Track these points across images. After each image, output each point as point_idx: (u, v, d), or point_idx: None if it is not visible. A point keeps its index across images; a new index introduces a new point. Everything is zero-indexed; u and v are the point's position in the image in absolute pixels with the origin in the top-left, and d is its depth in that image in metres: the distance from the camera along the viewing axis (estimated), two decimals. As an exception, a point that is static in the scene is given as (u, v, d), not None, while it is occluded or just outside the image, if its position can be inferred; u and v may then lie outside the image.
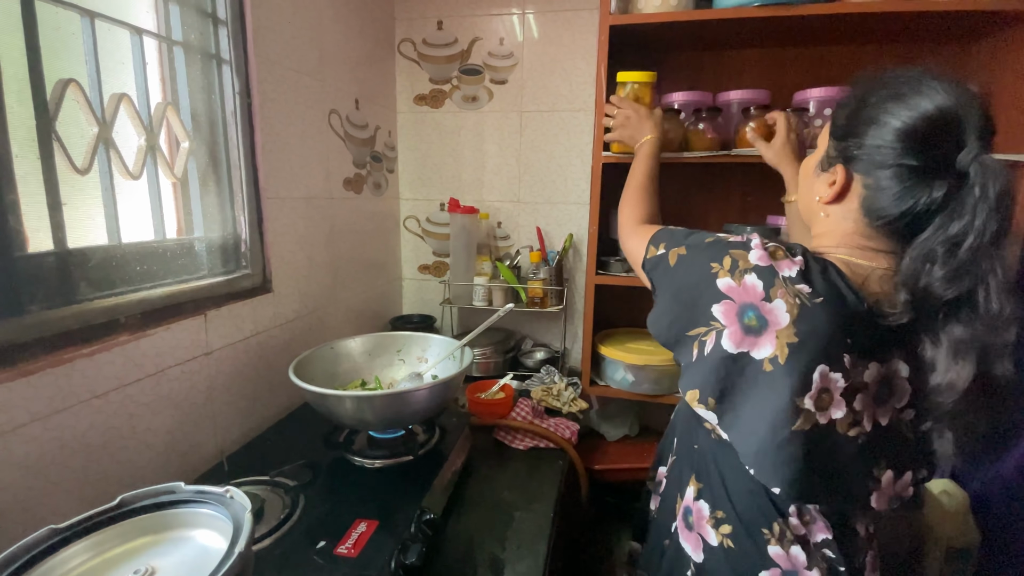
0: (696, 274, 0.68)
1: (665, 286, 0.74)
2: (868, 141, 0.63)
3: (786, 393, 0.59)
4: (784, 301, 0.60)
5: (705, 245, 0.70)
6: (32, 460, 0.69)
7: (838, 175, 0.67)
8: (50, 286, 0.73)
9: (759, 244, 0.65)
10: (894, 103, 0.61)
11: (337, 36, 1.36)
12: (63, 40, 0.78)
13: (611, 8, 1.29)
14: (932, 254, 0.57)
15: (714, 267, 0.66)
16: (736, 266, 0.64)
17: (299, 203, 1.23)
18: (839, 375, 0.58)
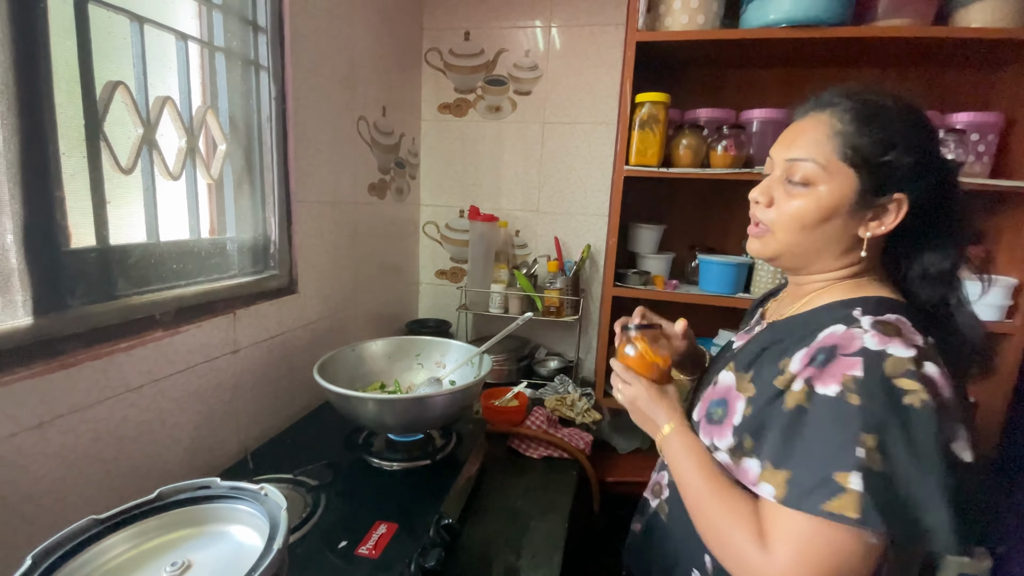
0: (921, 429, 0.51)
1: (915, 496, 0.50)
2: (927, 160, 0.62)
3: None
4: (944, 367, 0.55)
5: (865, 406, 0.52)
6: (67, 451, 0.71)
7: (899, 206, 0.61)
8: (92, 281, 0.76)
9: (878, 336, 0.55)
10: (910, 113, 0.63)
11: (368, 45, 1.39)
12: (114, 43, 0.80)
13: (639, 25, 1.31)
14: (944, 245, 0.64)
15: (911, 400, 0.51)
16: (914, 373, 0.52)
17: (326, 207, 1.25)
18: None
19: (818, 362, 0.57)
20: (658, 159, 1.36)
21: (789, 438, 0.56)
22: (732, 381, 0.69)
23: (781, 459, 0.56)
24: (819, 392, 0.55)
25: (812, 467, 0.53)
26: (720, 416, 0.68)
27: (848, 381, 0.54)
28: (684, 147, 1.39)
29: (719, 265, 1.43)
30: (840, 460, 0.51)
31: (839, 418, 0.53)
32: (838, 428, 0.53)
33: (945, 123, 1.31)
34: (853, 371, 0.54)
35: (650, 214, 1.66)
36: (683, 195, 1.66)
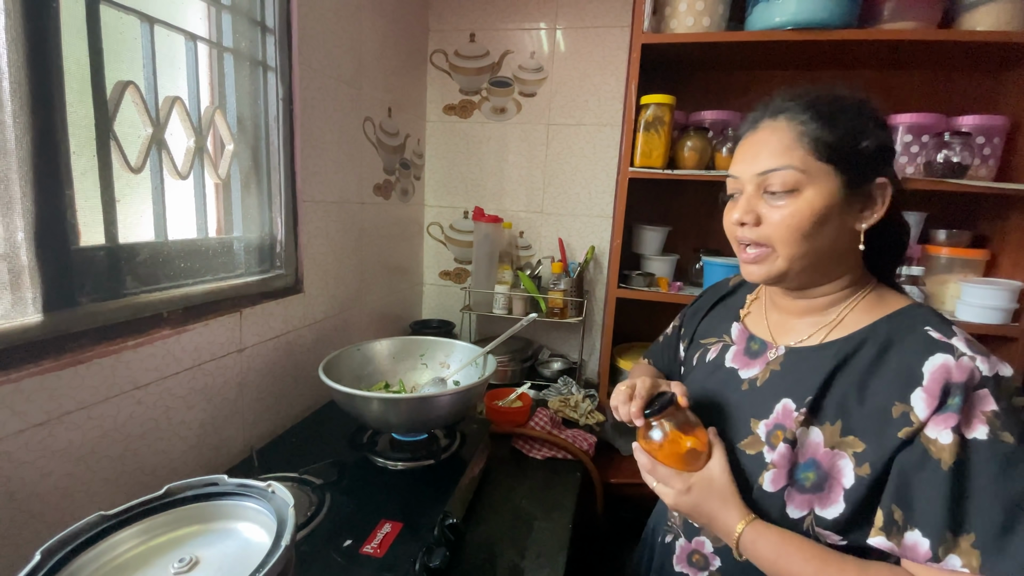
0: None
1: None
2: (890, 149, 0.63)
3: None
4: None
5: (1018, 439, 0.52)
6: (75, 448, 0.71)
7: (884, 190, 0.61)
8: (100, 279, 0.76)
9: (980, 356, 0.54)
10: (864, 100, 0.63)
11: (374, 46, 1.39)
12: (124, 44, 0.81)
13: (644, 27, 1.31)
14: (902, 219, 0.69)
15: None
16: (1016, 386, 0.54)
17: (332, 207, 1.25)
18: None
19: (954, 407, 0.52)
20: (663, 161, 1.37)
21: (958, 498, 0.52)
22: (818, 436, 0.60)
23: (958, 524, 0.51)
24: (971, 438, 0.52)
25: (1001, 525, 0.50)
26: (816, 481, 0.59)
27: (991, 419, 0.52)
28: (689, 149, 1.39)
29: (723, 267, 1.43)
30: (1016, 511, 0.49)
31: (1007, 464, 0.51)
32: (1010, 474, 0.50)
33: (951, 126, 1.31)
34: (988, 407, 0.52)
35: (654, 216, 1.66)
36: (688, 197, 1.66)
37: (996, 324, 1.26)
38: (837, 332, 0.65)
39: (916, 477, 0.53)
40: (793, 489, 0.60)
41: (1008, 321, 1.26)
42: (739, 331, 0.77)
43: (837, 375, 0.61)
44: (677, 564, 0.75)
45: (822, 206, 0.60)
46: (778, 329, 0.72)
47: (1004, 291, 1.25)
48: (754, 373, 0.70)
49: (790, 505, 0.60)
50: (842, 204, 0.61)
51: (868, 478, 0.56)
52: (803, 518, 0.60)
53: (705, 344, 0.81)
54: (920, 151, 1.31)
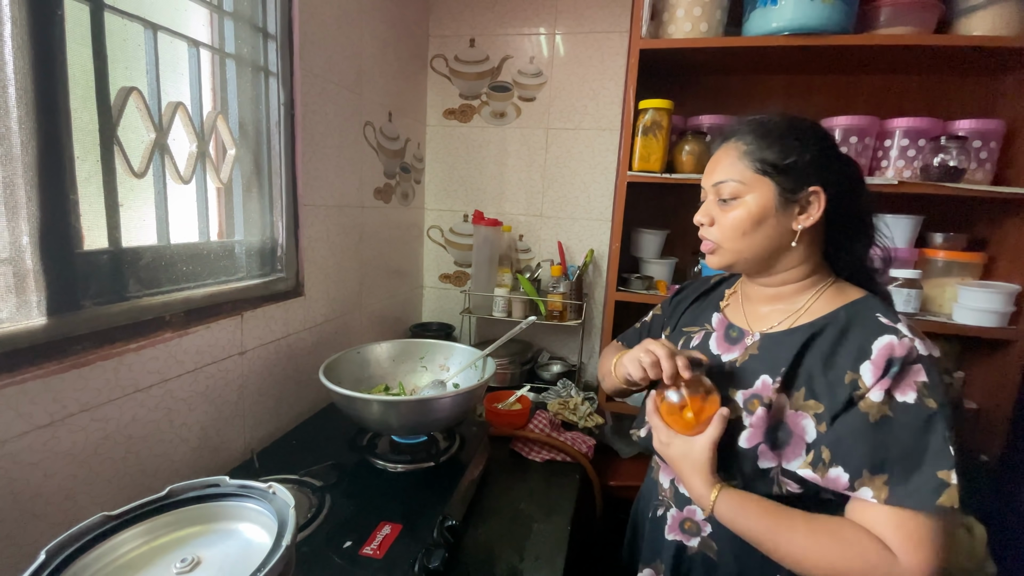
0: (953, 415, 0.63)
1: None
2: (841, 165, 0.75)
3: None
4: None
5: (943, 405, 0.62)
6: (78, 449, 0.72)
7: (819, 195, 0.72)
8: (104, 283, 0.77)
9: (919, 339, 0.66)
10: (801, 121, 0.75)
11: (375, 51, 1.41)
12: (128, 50, 0.82)
13: (642, 32, 1.32)
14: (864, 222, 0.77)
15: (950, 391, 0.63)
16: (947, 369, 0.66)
17: (332, 211, 1.26)
18: None
19: (892, 374, 0.64)
20: (661, 165, 1.38)
21: (880, 445, 0.63)
22: (784, 401, 0.71)
23: (877, 466, 0.62)
24: (900, 400, 0.63)
25: (913, 468, 0.61)
26: (785, 439, 0.70)
27: (921, 387, 0.63)
28: (687, 153, 1.40)
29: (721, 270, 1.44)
30: (939, 460, 0.60)
31: (926, 422, 0.61)
32: (928, 432, 0.61)
33: (947, 130, 1.32)
34: (920, 378, 0.63)
35: (653, 219, 1.67)
36: (686, 200, 1.66)
37: (993, 327, 1.26)
38: (804, 319, 0.75)
39: (848, 426, 0.65)
40: (766, 445, 0.70)
41: (1005, 324, 1.27)
42: (719, 320, 0.86)
43: (805, 352, 0.72)
44: (669, 533, 0.83)
45: (758, 210, 0.73)
46: (753, 318, 0.81)
47: (1001, 294, 1.26)
48: (734, 356, 0.80)
49: (762, 459, 0.71)
50: (778, 208, 0.73)
51: (823, 433, 0.67)
52: (771, 469, 0.70)
53: (688, 332, 0.90)
54: (917, 155, 1.32)
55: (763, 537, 0.68)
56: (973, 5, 1.23)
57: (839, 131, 1.33)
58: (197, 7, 0.93)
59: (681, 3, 1.31)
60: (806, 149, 0.72)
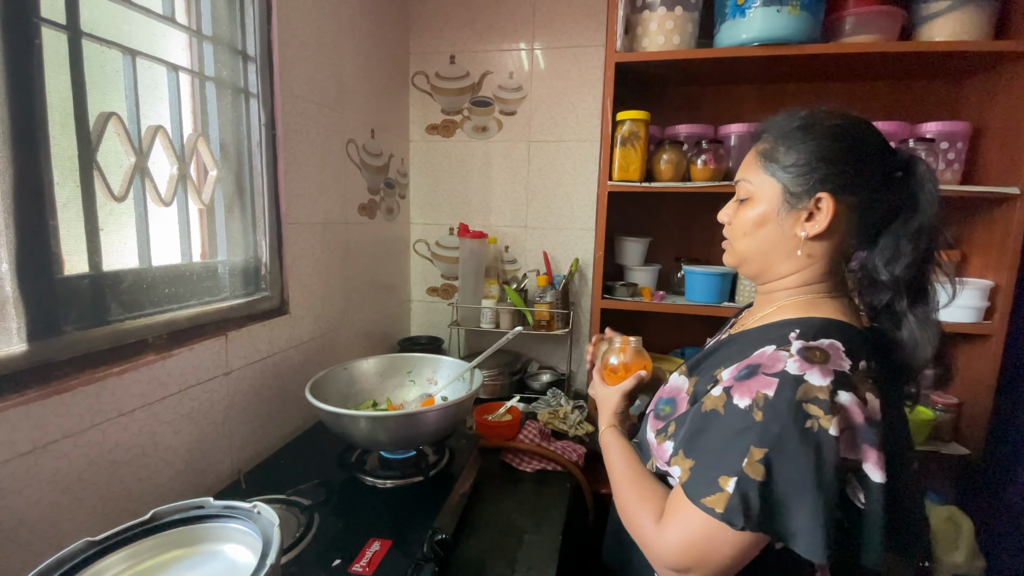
0: (810, 453, 0.55)
1: (794, 506, 0.55)
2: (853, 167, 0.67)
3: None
4: (870, 391, 0.58)
5: (768, 421, 0.57)
6: (61, 476, 0.71)
7: (824, 203, 0.66)
8: (85, 307, 0.77)
9: (801, 362, 0.58)
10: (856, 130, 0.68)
11: (356, 70, 1.42)
12: (106, 76, 0.83)
13: (617, 46, 1.35)
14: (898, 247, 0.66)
15: (811, 425, 0.55)
16: (823, 402, 0.55)
17: (316, 228, 1.27)
18: None
19: (740, 376, 0.62)
20: (640, 174, 1.40)
21: (699, 433, 0.63)
22: (683, 384, 0.76)
23: (689, 449, 0.64)
24: (734, 402, 0.61)
25: (708, 464, 0.60)
26: (667, 413, 0.75)
27: (759, 398, 0.58)
28: (665, 162, 1.43)
29: (704, 275, 1.46)
30: (727, 465, 0.58)
31: (740, 429, 0.59)
32: (737, 437, 0.58)
33: (915, 133, 1.36)
34: (766, 390, 0.58)
35: (636, 227, 1.70)
36: (666, 208, 1.70)
37: (970, 323, 1.29)
38: (760, 323, 0.74)
39: (692, 411, 0.67)
40: (652, 415, 0.77)
41: (981, 319, 1.30)
42: (731, 323, 0.89)
43: (721, 347, 0.75)
44: None
45: (762, 211, 0.72)
46: (745, 320, 0.82)
47: (975, 290, 1.29)
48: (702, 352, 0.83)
49: (648, 426, 0.77)
50: (782, 211, 0.70)
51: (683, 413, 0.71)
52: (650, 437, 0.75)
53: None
54: (887, 158, 1.36)
55: (611, 473, 0.78)
56: (934, 12, 1.27)
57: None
58: (176, 32, 0.94)
59: (654, 17, 1.35)
60: (818, 149, 0.67)
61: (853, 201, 0.67)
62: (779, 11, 1.21)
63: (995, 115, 1.33)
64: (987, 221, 1.35)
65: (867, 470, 0.57)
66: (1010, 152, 1.27)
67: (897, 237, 0.66)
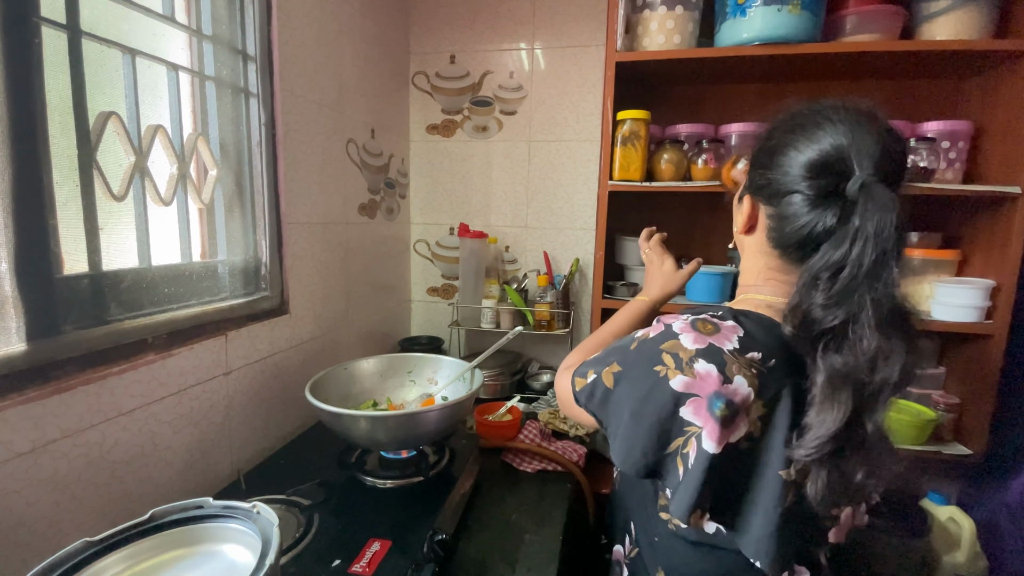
0: (645, 385, 0.62)
1: (616, 413, 0.65)
2: (768, 172, 0.65)
3: (771, 471, 0.58)
4: (743, 376, 0.58)
5: (634, 352, 0.66)
6: (60, 476, 0.71)
7: (746, 205, 0.70)
8: (84, 307, 0.77)
9: (686, 326, 0.64)
10: (792, 134, 0.63)
11: (356, 70, 1.42)
12: (106, 75, 0.83)
13: (617, 46, 1.35)
14: (816, 280, 0.58)
15: (659, 370, 0.61)
16: (680, 359, 0.60)
17: (317, 228, 1.27)
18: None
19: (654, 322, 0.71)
20: (641, 174, 1.40)
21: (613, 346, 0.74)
22: None
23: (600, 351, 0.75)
24: (635, 335, 0.70)
25: (595, 359, 0.72)
26: None
27: (643, 335, 0.68)
28: (665, 162, 1.42)
29: (705, 275, 1.46)
30: (598, 366, 0.70)
31: (621, 349, 0.69)
32: (615, 353, 0.69)
33: (916, 132, 1.36)
34: (651, 332, 0.68)
35: (636, 227, 1.68)
36: (667, 208, 1.69)
37: (971, 322, 1.29)
38: None
39: None
40: None
41: (982, 319, 1.29)
42: None
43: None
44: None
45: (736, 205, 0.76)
46: None
47: (976, 290, 1.28)
48: None
49: None
50: (736, 203, 0.76)
51: None
52: None
53: None
54: (888, 157, 1.36)
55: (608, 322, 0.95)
56: (935, 11, 1.27)
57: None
58: (176, 31, 0.94)
59: (654, 17, 1.35)
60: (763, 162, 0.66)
61: (771, 211, 0.66)
62: (780, 10, 1.20)
63: (997, 114, 1.33)
64: (988, 220, 1.35)
65: (703, 437, 0.58)
66: (1012, 151, 1.27)
67: (815, 268, 0.58)
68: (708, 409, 0.58)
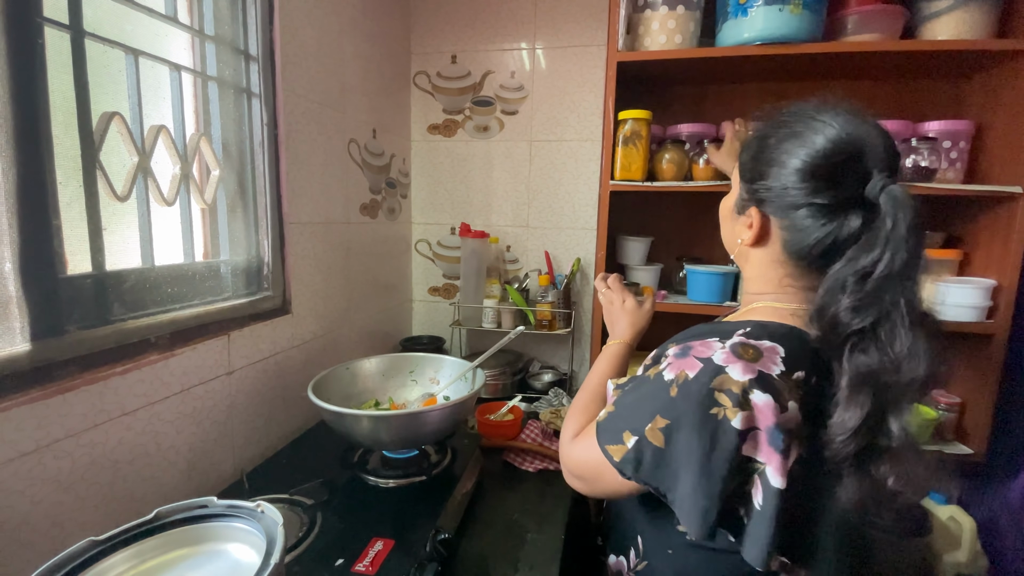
0: (706, 433, 0.56)
1: (677, 474, 0.58)
2: (774, 183, 0.64)
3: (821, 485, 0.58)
4: (794, 400, 0.56)
5: (679, 399, 0.59)
6: (64, 475, 0.71)
7: (754, 218, 0.68)
8: (88, 307, 0.77)
9: (728, 355, 0.58)
10: (791, 142, 0.63)
11: (357, 70, 1.43)
12: (109, 75, 0.83)
13: (618, 46, 1.35)
14: (843, 284, 0.58)
15: (717, 412, 0.56)
16: (735, 395, 0.56)
17: (318, 228, 1.27)
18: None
19: (678, 354, 0.64)
20: (642, 174, 1.40)
21: (630, 391, 0.69)
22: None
23: (616, 400, 0.69)
24: (662, 373, 0.64)
25: (620, 416, 0.66)
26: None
27: (680, 376, 0.61)
28: (667, 161, 1.42)
29: (706, 275, 1.46)
30: (634, 423, 0.63)
31: (656, 397, 0.62)
32: (650, 403, 0.62)
33: (917, 132, 1.36)
34: (689, 371, 0.61)
35: (637, 227, 1.69)
36: (668, 208, 1.69)
37: (972, 322, 1.29)
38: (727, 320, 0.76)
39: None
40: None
41: (983, 318, 1.30)
42: None
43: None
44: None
45: (726, 206, 0.76)
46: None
47: (978, 289, 1.29)
48: None
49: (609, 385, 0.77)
50: (734, 213, 0.73)
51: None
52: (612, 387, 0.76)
53: None
54: (889, 157, 1.36)
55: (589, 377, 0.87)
56: (936, 11, 1.27)
57: (814, 136, 1.36)
58: (179, 32, 0.94)
59: (656, 16, 1.35)
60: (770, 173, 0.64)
61: (785, 223, 0.65)
62: (781, 10, 1.20)
63: (998, 114, 1.33)
64: (990, 220, 1.35)
65: (768, 474, 0.56)
66: (1013, 151, 1.27)
67: (843, 274, 0.58)
68: (771, 443, 0.55)
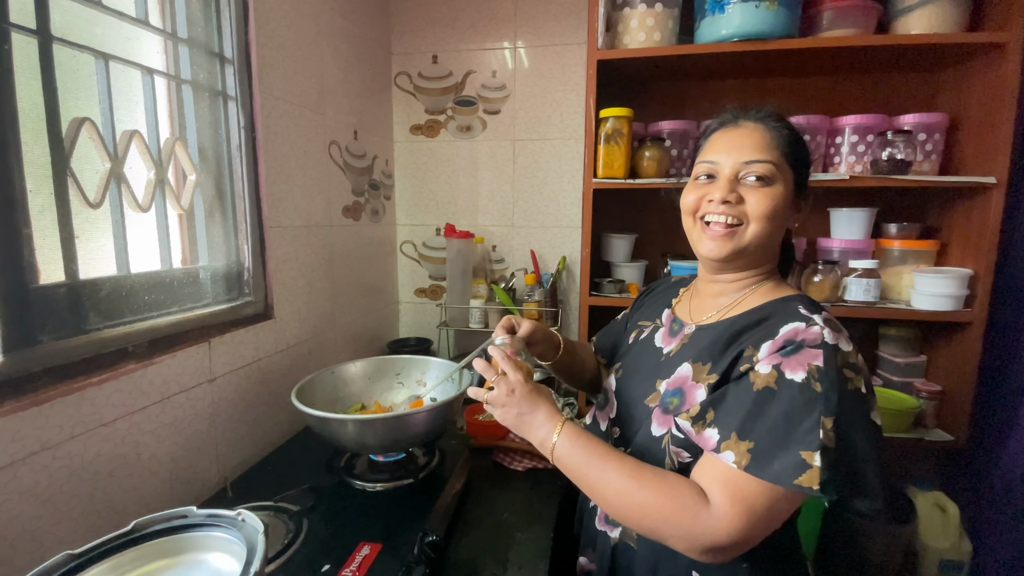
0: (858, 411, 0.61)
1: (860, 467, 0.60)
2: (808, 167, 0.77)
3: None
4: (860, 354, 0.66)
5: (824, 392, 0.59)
6: (41, 488, 0.70)
7: (808, 199, 0.78)
8: (62, 317, 0.76)
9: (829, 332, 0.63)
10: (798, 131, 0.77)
11: (337, 71, 1.41)
12: (79, 81, 0.81)
13: (598, 44, 1.35)
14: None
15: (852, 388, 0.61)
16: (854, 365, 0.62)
17: (300, 231, 1.26)
18: None
19: (786, 351, 0.63)
20: (624, 171, 1.41)
21: (755, 415, 0.62)
22: (689, 372, 0.72)
23: (745, 431, 0.61)
24: (787, 377, 0.61)
25: (776, 443, 0.59)
26: (677, 405, 0.71)
27: (813, 370, 0.60)
28: (648, 159, 1.43)
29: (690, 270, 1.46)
30: (806, 441, 0.58)
31: (805, 402, 0.59)
32: (803, 411, 0.59)
33: (893, 125, 1.38)
34: (815, 361, 0.61)
35: (621, 224, 1.70)
36: (651, 205, 1.70)
37: (950, 311, 1.31)
38: (736, 311, 0.75)
39: (733, 393, 0.65)
40: (660, 410, 0.73)
41: (960, 307, 1.32)
42: (667, 315, 0.88)
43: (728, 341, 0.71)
44: (598, 524, 0.85)
45: (785, 197, 0.72)
46: (695, 312, 0.83)
47: (955, 279, 1.31)
48: (671, 347, 0.81)
49: (656, 423, 0.72)
50: (789, 202, 0.73)
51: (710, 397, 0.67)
52: (663, 436, 0.71)
53: (642, 326, 0.93)
54: (866, 150, 1.38)
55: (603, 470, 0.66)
56: (909, 5, 1.29)
57: (793, 130, 1.38)
58: (150, 35, 0.93)
59: (634, 14, 1.35)
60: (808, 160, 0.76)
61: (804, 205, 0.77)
62: (757, 6, 1.22)
63: (971, 106, 1.36)
64: (965, 211, 1.37)
65: (874, 416, 0.63)
66: (986, 142, 1.29)
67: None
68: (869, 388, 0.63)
